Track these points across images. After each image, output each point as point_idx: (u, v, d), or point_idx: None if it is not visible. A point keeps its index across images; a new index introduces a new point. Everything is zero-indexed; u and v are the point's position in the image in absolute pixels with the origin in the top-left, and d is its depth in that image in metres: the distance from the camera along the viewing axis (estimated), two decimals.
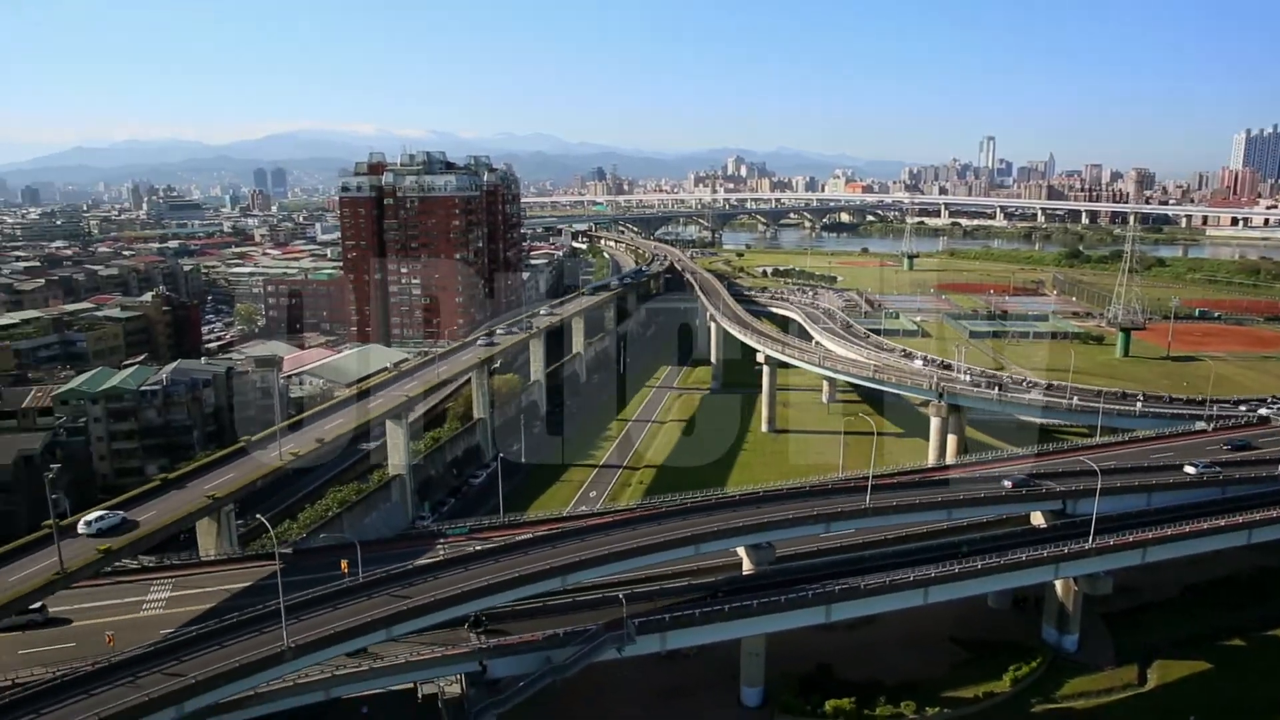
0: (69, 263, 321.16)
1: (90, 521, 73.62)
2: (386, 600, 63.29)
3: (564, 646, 66.79)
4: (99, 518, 74.39)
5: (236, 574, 77.95)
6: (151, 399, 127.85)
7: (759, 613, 72.63)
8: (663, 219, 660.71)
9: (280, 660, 55.99)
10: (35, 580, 62.86)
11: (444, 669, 66.13)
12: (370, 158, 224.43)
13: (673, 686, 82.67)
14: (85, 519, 74.03)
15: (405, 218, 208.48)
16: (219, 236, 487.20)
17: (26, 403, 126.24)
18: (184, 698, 52.70)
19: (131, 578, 77.13)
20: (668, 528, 77.17)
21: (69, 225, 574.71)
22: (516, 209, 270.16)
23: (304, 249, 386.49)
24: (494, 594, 66.61)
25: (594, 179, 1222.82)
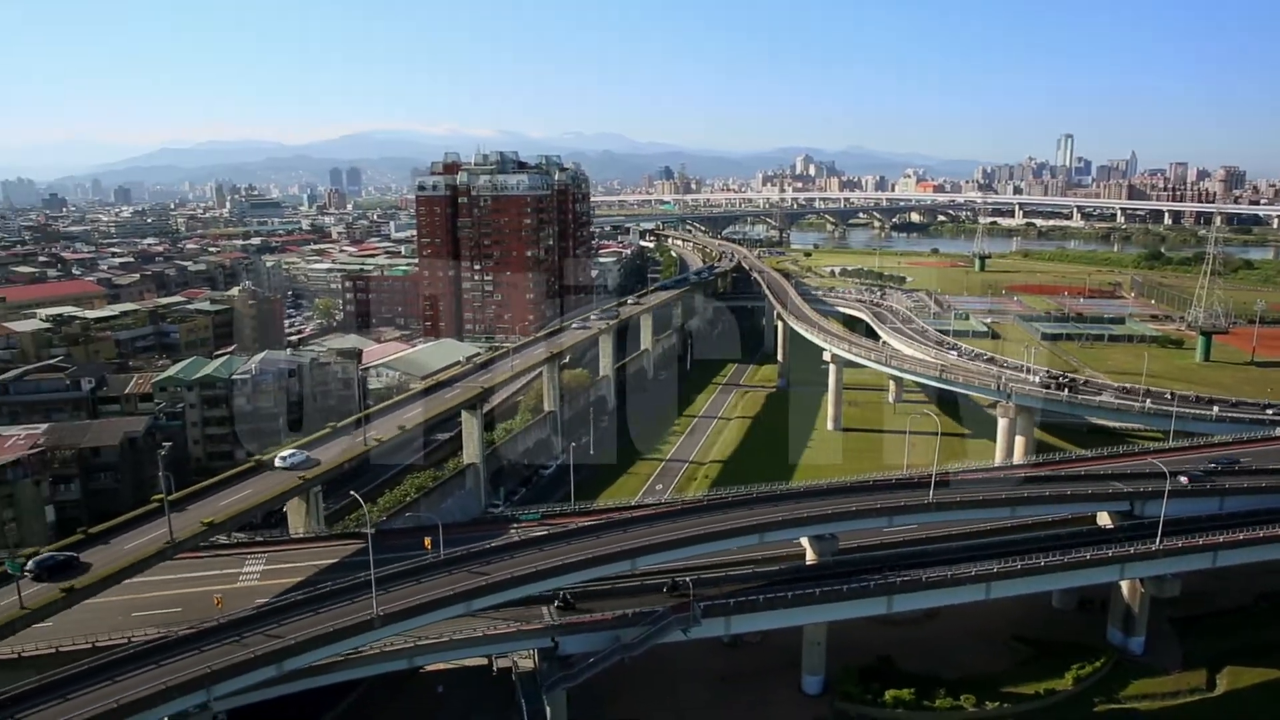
0: (160, 258, 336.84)
1: (285, 456, 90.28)
2: (466, 576, 67.22)
3: (632, 626, 69.91)
4: (291, 454, 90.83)
5: (323, 551, 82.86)
6: (241, 387, 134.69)
7: (821, 600, 74.57)
8: (730, 218, 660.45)
9: (370, 627, 60.18)
10: (149, 548, 68.21)
11: (518, 643, 69.82)
12: (445, 157, 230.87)
13: (736, 672, 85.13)
14: (281, 455, 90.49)
15: (478, 216, 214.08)
16: (298, 234, 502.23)
17: (129, 389, 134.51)
18: (283, 657, 57.26)
19: (229, 552, 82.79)
20: (733, 516, 79.59)
21: (158, 223, 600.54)
22: (586, 208, 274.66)
23: (379, 246, 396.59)
24: (567, 574, 70.04)
25: (661, 178, 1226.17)
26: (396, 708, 78.47)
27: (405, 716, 77.00)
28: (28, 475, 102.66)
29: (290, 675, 59.77)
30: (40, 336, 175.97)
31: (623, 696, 79.68)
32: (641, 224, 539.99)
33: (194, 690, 53.91)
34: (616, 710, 77.64)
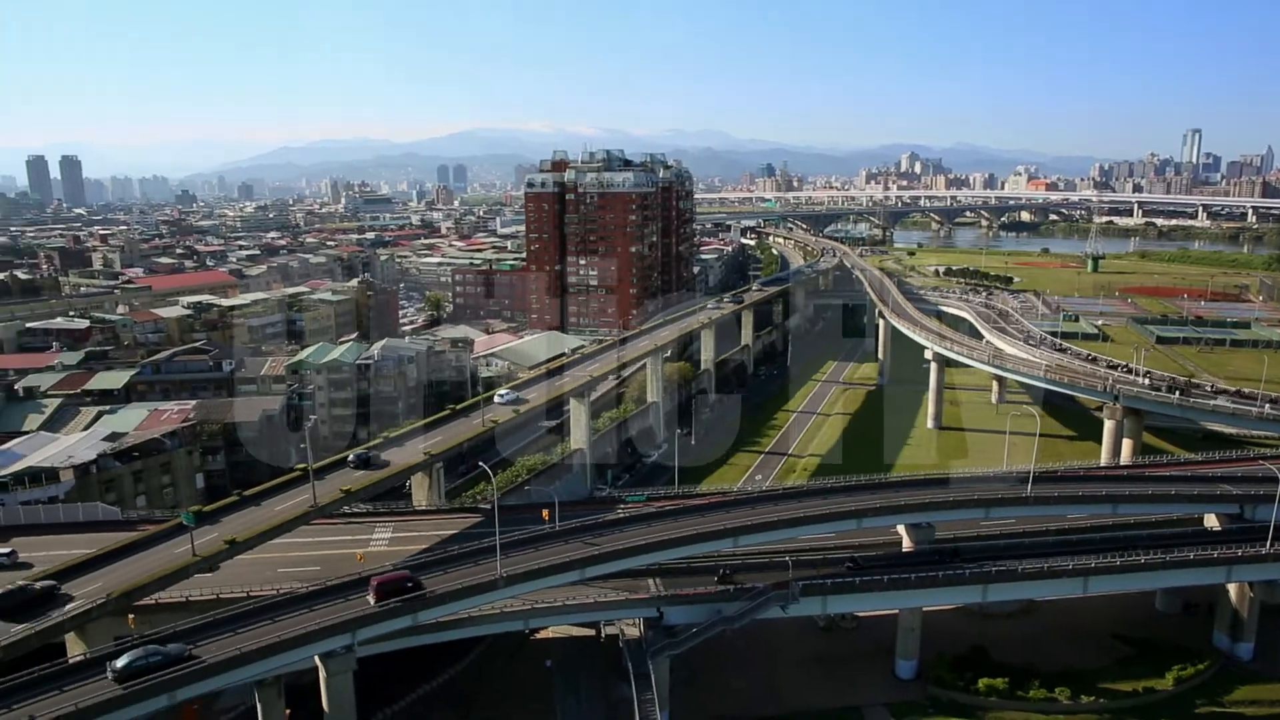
0: (284, 251, 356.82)
1: (503, 394, 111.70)
2: (580, 546, 72.41)
3: (733, 601, 73.85)
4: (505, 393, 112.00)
5: (444, 523, 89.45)
6: (365, 371, 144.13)
7: (916, 586, 76.89)
8: (832, 216, 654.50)
9: (494, 587, 65.92)
10: (295, 510, 75.86)
11: (626, 611, 74.68)
12: (554, 155, 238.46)
13: (830, 654, 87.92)
14: (499, 393, 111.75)
15: (585, 212, 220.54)
16: (408, 229, 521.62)
17: (264, 371, 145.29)
18: (418, 608, 63.57)
19: (360, 520, 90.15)
20: (833, 502, 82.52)
21: (279, 218, 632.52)
22: (689, 205, 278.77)
23: (486, 241, 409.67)
24: (673, 548, 74.47)
25: (763, 176, 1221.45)
26: (510, 671, 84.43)
27: (517, 680, 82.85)
28: (181, 445, 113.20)
29: (422, 628, 66.16)
30: (184, 322, 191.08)
31: (720, 672, 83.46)
32: (742, 221, 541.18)
33: (341, 633, 60.55)
34: (714, 684, 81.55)
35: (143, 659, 55.76)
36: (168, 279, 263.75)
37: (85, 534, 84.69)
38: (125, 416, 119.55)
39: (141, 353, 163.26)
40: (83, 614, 61.92)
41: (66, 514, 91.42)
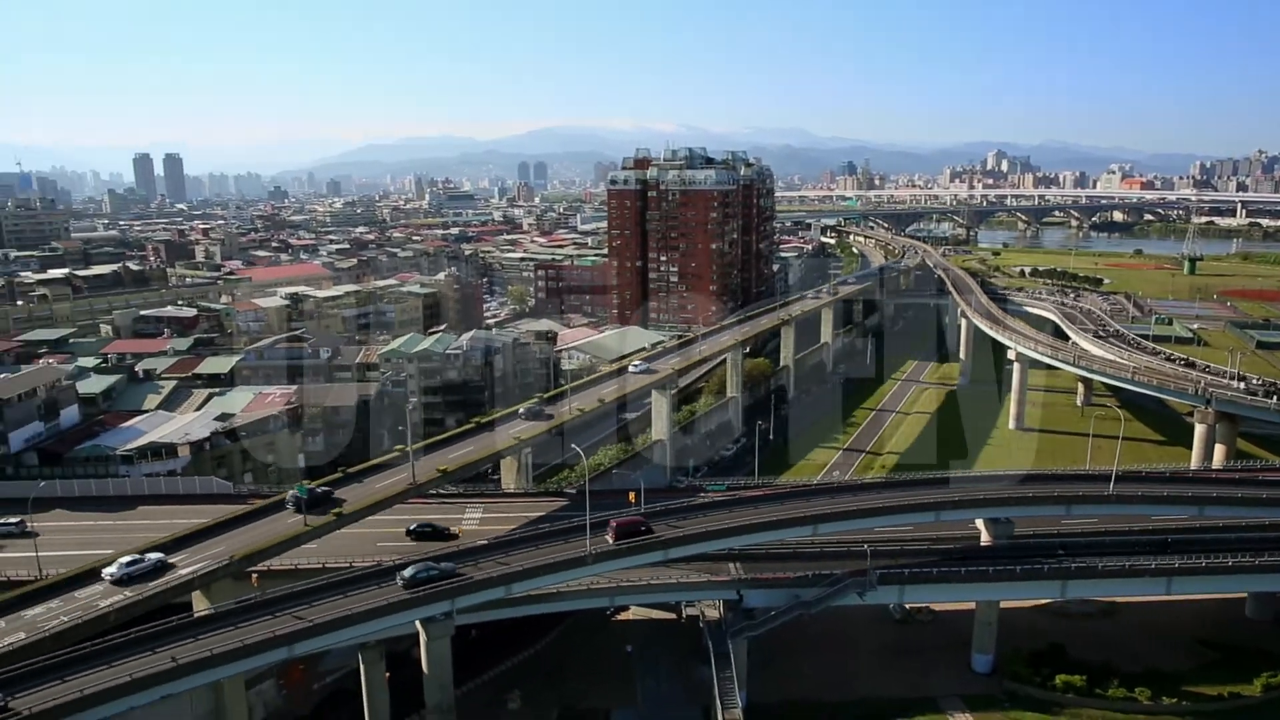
0: (372, 245, 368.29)
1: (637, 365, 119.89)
2: (664, 528, 75.40)
3: (811, 587, 75.91)
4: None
5: (531, 505, 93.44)
6: (453, 361, 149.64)
7: (994, 579, 77.63)
8: (914, 215, 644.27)
9: (583, 563, 69.41)
10: (395, 487, 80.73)
11: (707, 593, 77.47)
12: (636, 153, 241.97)
13: (905, 646, 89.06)
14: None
15: (666, 209, 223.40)
16: (490, 225, 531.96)
17: (358, 359, 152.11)
18: (511, 580, 67.52)
19: (452, 500, 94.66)
20: (911, 494, 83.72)
21: (366, 213, 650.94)
22: (770, 203, 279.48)
23: (566, 237, 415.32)
24: (754, 533, 76.91)
25: (844, 174, 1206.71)
26: (592, 649, 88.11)
27: (599, 658, 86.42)
28: (285, 426, 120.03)
29: (514, 600, 70.11)
30: (282, 311, 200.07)
31: (796, 658, 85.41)
32: (823, 220, 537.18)
33: (442, 600, 64.79)
34: (789, 669, 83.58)
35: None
36: (265, 271, 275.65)
37: (200, 505, 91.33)
38: (233, 398, 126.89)
39: (244, 340, 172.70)
40: (209, 574, 67.57)
41: (185, 486, 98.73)
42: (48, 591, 64.69)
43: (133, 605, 63.03)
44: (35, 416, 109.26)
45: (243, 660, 58.42)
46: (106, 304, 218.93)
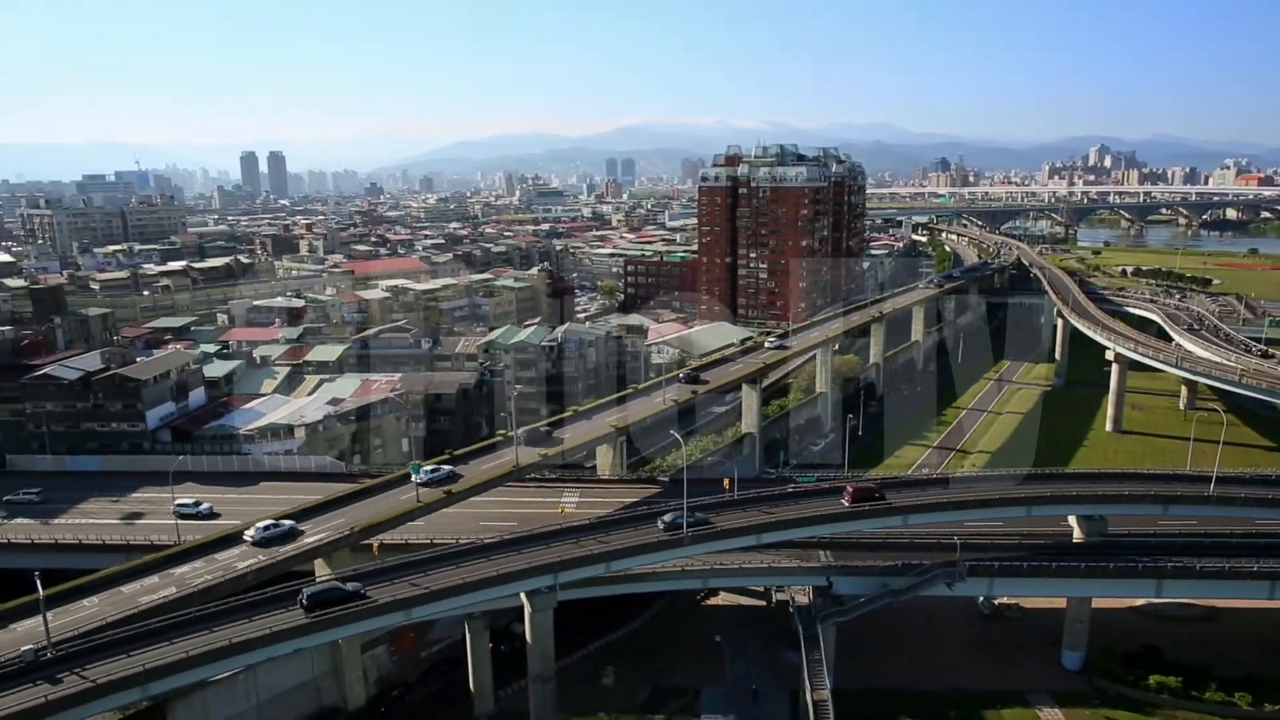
0: (466, 240, 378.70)
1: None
2: (757, 514, 77.99)
3: (900, 575, 77.36)
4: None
5: (626, 490, 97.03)
6: (549, 352, 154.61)
7: (1085, 575, 77.57)
8: (1010, 213, 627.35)
9: (680, 544, 72.51)
10: (501, 469, 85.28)
11: (798, 578, 79.68)
12: (727, 150, 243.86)
13: (994, 641, 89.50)
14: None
15: (756, 206, 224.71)
16: (580, 221, 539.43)
17: (458, 349, 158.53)
18: (611, 558, 71.15)
19: (551, 485, 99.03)
20: (1003, 488, 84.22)
21: (459, 209, 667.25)
22: (860, 200, 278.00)
23: (655, 234, 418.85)
24: (845, 521, 78.81)
25: (936, 170, 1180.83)
26: (682, 630, 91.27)
27: (689, 639, 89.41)
28: (390, 412, 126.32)
29: (612, 578, 73.68)
30: (383, 304, 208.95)
31: (883, 647, 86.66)
32: (914, 217, 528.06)
33: (545, 573, 68.77)
34: (876, 658, 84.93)
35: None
36: (366, 264, 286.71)
37: (315, 482, 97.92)
38: (342, 384, 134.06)
39: (349, 329, 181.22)
40: (331, 543, 73.04)
41: (301, 464, 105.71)
42: (193, 553, 70.99)
43: (266, 568, 68.80)
44: (168, 397, 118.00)
45: (366, 621, 63.33)
46: (222, 294, 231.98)
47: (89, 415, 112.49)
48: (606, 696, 79.72)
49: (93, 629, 58.80)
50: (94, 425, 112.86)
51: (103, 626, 59.47)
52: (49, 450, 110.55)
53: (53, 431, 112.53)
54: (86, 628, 59.09)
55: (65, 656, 55.35)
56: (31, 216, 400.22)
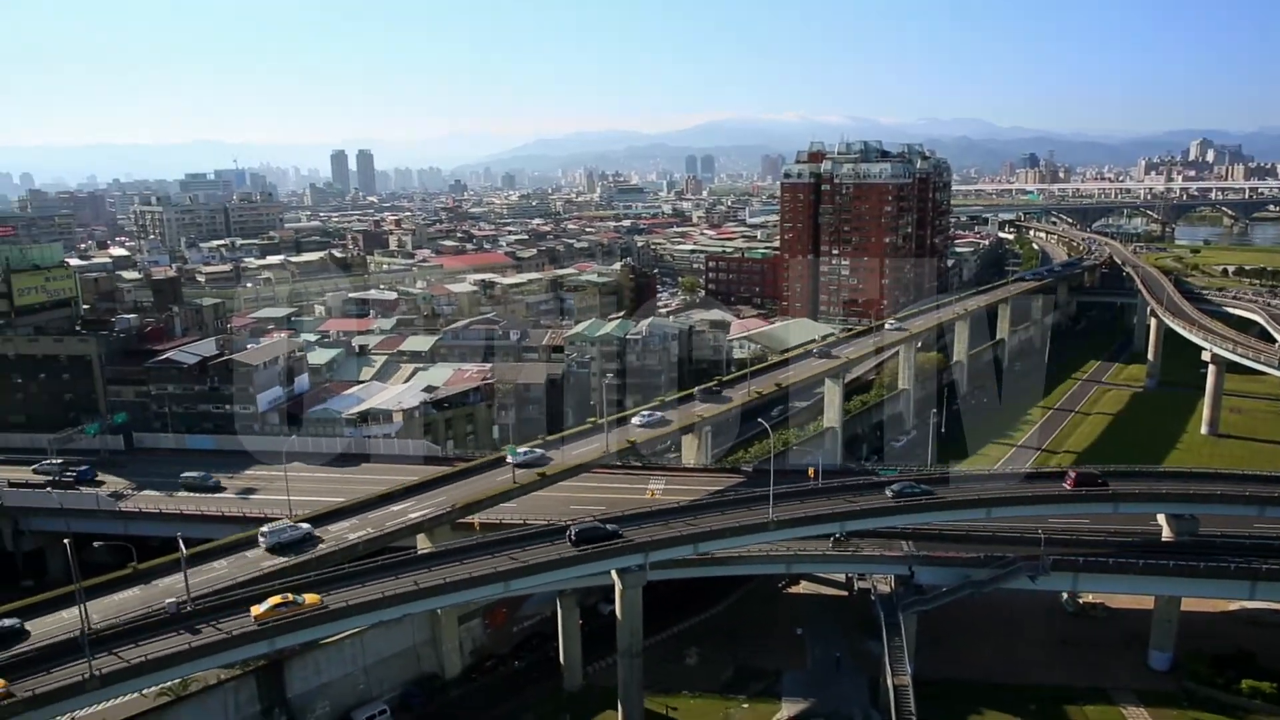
0: (549, 236, 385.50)
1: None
2: (841, 502, 79.79)
3: (982, 568, 78.15)
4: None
5: (709, 480, 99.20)
6: (633, 345, 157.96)
7: (1174, 574, 76.76)
8: (1102, 210, 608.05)
9: (765, 528, 74.83)
10: (592, 454, 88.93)
11: (880, 567, 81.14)
12: (810, 146, 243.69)
13: (1078, 638, 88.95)
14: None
15: (840, 203, 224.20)
16: (660, 218, 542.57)
17: (545, 341, 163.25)
18: (699, 540, 73.96)
19: (637, 472, 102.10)
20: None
21: (540, 206, 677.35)
22: (946, 197, 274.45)
23: (735, 230, 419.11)
24: (930, 511, 79.96)
25: (1025, 166, 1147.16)
26: (764, 616, 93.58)
27: (771, 625, 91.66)
28: (482, 400, 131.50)
29: (700, 560, 76.50)
30: (471, 296, 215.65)
31: (963, 640, 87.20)
32: (1000, 215, 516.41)
33: (636, 552, 71.82)
34: (957, 650, 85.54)
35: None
36: (453, 259, 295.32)
37: (412, 465, 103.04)
38: (435, 373, 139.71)
39: (440, 321, 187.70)
40: (433, 519, 77.63)
41: (399, 448, 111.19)
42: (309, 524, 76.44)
43: (374, 539, 73.67)
44: (277, 382, 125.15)
45: (468, 590, 67.39)
46: (318, 287, 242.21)
47: (205, 397, 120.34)
48: (690, 675, 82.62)
49: (224, 588, 64.16)
50: (209, 407, 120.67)
51: (231, 586, 64.84)
52: (170, 429, 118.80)
53: (173, 412, 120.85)
54: (218, 586, 64.53)
55: (202, 610, 60.69)
56: (143, 213, 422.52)
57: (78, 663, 54.63)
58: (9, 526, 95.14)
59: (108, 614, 60.95)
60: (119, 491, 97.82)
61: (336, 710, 75.89)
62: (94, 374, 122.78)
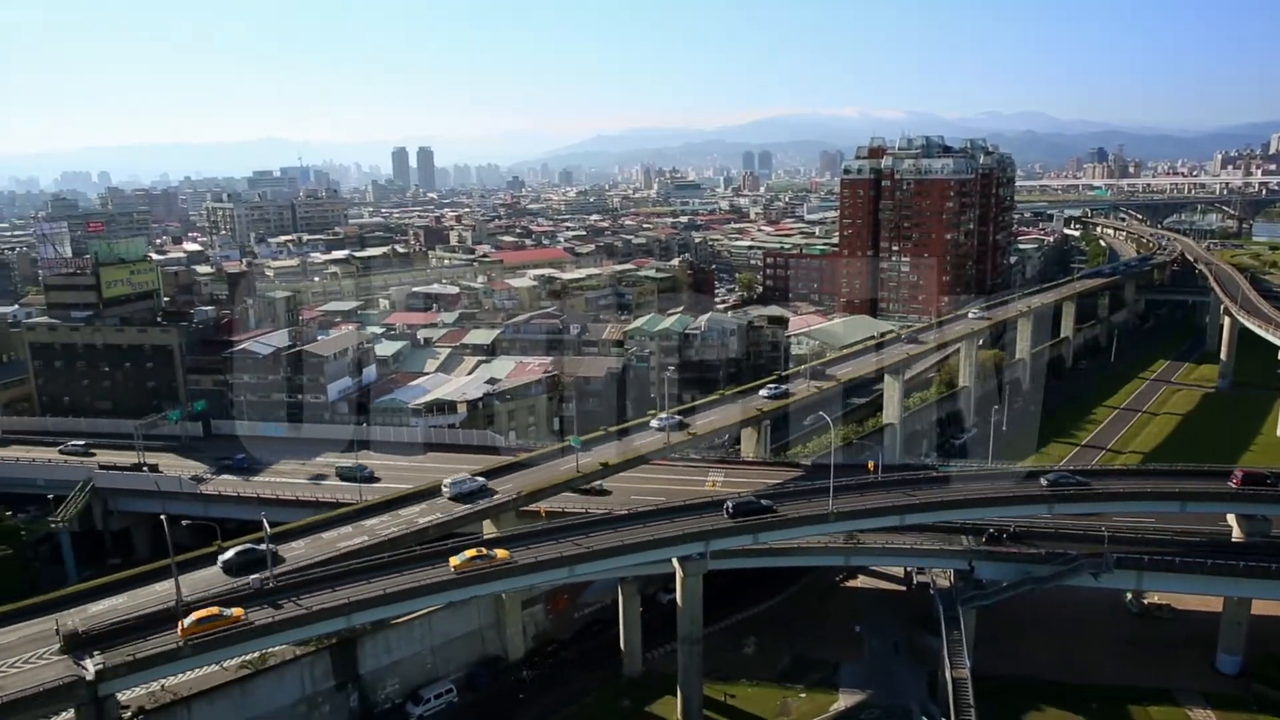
0: (607, 232, 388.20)
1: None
2: (901, 495, 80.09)
3: (1044, 564, 77.79)
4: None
5: (768, 473, 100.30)
6: (692, 340, 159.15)
7: (1244, 575, 75.49)
8: (1174, 206, 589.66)
9: (826, 520, 75.59)
10: (655, 445, 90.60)
11: (939, 561, 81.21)
12: (871, 142, 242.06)
13: (1142, 639, 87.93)
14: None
15: (900, 199, 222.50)
16: (717, 214, 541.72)
17: (604, 335, 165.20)
18: (758, 529, 75.10)
19: (696, 465, 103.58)
20: (1154, 483, 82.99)
21: (598, 202, 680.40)
22: (1009, 192, 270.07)
23: (793, 226, 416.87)
24: (990, 506, 79.89)
25: (1092, 160, 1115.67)
26: (821, 609, 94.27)
27: (828, 618, 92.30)
28: (543, 392, 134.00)
29: (759, 550, 77.56)
30: (532, 291, 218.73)
31: (1023, 637, 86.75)
32: (1066, 210, 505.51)
33: (697, 541, 73.19)
34: (1016, 647, 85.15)
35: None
36: (513, 254, 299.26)
37: (476, 454, 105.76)
38: (498, 366, 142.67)
39: (501, 315, 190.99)
40: (499, 505, 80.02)
41: (464, 437, 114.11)
42: (380, 508, 79.47)
43: (444, 524, 76.30)
44: (346, 373, 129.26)
45: (536, 573, 69.55)
46: (382, 281, 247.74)
47: (279, 387, 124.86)
48: (748, 664, 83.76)
49: (303, 566, 67.20)
50: (282, 396, 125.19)
51: (309, 565, 67.86)
52: (245, 417, 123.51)
53: (247, 400, 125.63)
54: (299, 565, 67.60)
55: (284, 587, 63.69)
56: (214, 209, 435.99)
57: (173, 630, 58.00)
58: (99, 506, 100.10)
59: (199, 587, 64.49)
60: (199, 475, 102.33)
61: (406, 687, 78.78)
62: (175, 363, 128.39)
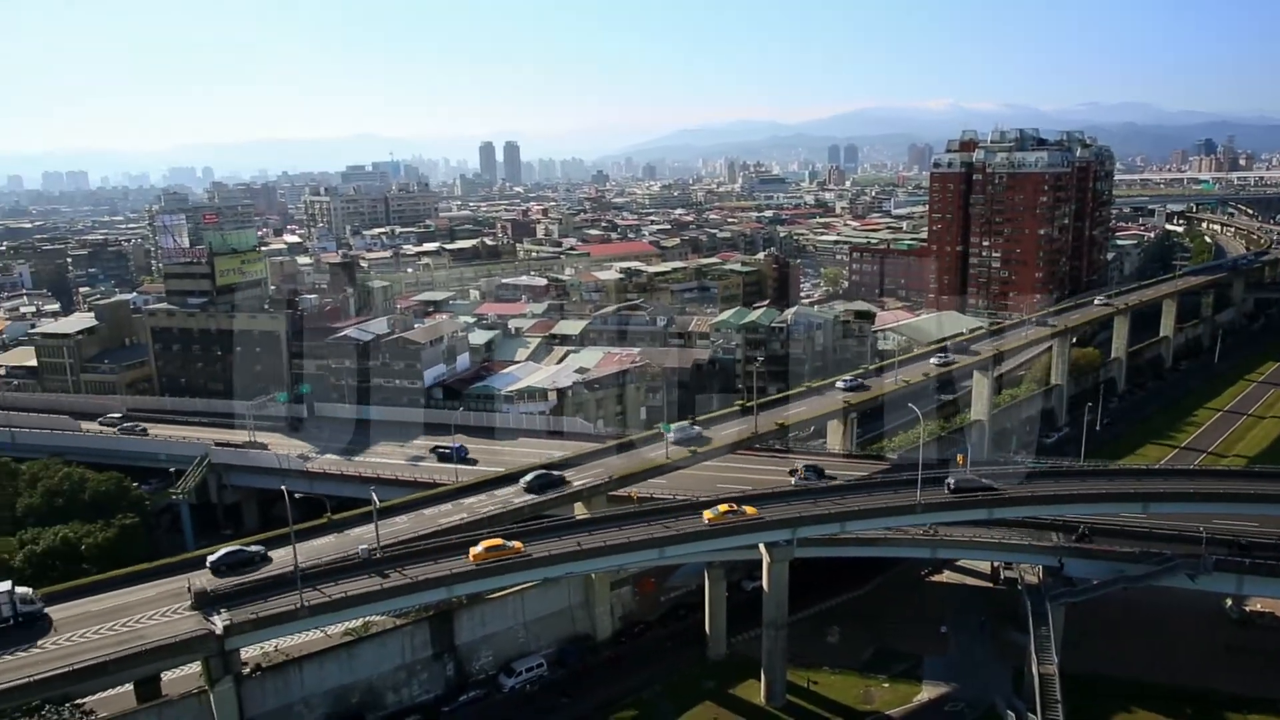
0: (691, 226, 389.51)
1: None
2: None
3: (1137, 563, 76.73)
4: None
5: (854, 465, 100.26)
6: (778, 334, 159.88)
7: None
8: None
9: (912, 511, 76.23)
10: (742, 434, 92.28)
11: (1028, 556, 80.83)
12: (962, 135, 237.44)
13: (1241, 645, 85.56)
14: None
15: (992, 193, 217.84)
16: (803, 208, 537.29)
17: (690, 327, 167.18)
18: (845, 519, 76.38)
19: (781, 456, 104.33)
20: (1259, 484, 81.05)
21: (682, 196, 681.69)
22: (1107, 186, 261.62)
23: (880, 221, 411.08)
24: (1080, 503, 79.23)
25: (1198, 153, 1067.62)
26: (906, 602, 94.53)
27: (912, 612, 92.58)
28: (632, 382, 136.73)
29: (845, 540, 78.57)
30: (618, 284, 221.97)
31: (1114, 638, 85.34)
32: (1169, 205, 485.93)
33: (785, 527, 74.75)
34: (1106, 647, 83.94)
35: None
36: (599, 247, 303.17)
37: (565, 440, 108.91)
38: (587, 355, 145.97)
39: (588, 307, 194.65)
40: (592, 488, 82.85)
41: (554, 424, 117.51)
42: (478, 487, 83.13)
43: (538, 505, 79.49)
44: (440, 360, 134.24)
45: (627, 554, 72.16)
46: (472, 272, 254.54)
47: (377, 372, 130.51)
48: (832, 652, 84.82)
49: (408, 539, 71.16)
50: (381, 381, 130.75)
51: (413, 538, 71.77)
52: (345, 400, 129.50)
53: (348, 385, 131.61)
54: (403, 538, 71.60)
55: (389, 558, 67.67)
56: (312, 203, 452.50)
57: (290, 593, 62.40)
58: (214, 481, 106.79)
59: (310, 555, 68.92)
60: (305, 454, 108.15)
61: (499, 659, 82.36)
62: (281, 347, 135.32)
